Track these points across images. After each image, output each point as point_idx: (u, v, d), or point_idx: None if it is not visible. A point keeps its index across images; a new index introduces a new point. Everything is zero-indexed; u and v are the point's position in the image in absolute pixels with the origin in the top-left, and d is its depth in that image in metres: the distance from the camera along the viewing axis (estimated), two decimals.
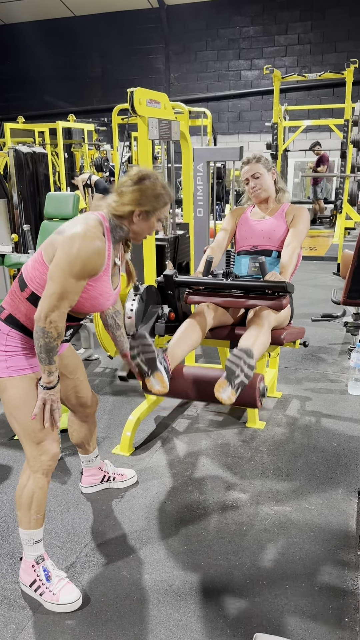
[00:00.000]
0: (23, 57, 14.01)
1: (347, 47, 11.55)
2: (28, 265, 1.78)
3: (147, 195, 1.74)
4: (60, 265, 1.61)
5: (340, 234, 6.79)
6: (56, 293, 1.62)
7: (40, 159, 4.38)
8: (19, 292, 1.76)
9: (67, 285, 1.62)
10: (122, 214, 1.75)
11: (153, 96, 2.67)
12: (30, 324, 1.73)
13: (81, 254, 1.62)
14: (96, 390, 3.44)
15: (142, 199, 1.73)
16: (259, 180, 2.76)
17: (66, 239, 1.64)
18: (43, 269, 1.69)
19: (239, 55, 12.52)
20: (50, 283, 1.63)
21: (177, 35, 12.82)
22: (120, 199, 1.74)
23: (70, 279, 1.62)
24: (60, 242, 1.64)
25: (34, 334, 1.66)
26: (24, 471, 1.80)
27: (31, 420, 1.73)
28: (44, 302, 1.63)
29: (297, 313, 3.88)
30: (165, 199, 1.79)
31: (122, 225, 1.77)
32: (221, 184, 9.15)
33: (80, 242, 1.63)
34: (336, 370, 3.70)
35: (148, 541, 2.10)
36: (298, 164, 11.61)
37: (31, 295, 1.73)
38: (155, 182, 1.76)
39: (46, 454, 1.76)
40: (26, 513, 1.78)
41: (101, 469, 2.40)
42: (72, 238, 1.63)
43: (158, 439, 2.85)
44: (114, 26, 13.16)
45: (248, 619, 1.74)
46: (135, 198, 1.73)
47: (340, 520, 2.19)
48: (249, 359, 2.03)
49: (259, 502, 2.32)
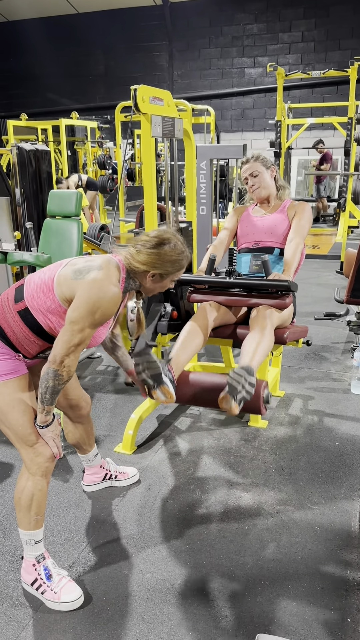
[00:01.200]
0: (26, 54, 13.99)
1: (351, 45, 11.50)
2: (32, 282, 1.76)
3: (163, 260, 1.78)
4: (82, 313, 1.63)
5: (344, 232, 6.77)
6: (75, 339, 1.64)
7: (43, 156, 4.37)
8: (12, 302, 1.75)
9: (86, 333, 1.65)
10: (137, 270, 1.78)
11: (156, 93, 2.66)
12: (13, 335, 1.73)
13: (103, 304, 1.65)
14: (98, 388, 3.44)
15: (158, 263, 1.77)
16: (257, 178, 2.77)
17: (87, 284, 1.65)
18: (49, 295, 1.70)
19: (242, 52, 12.48)
20: (69, 328, 1.64)
21: (181, 32, 12.79)
22: (137, 257, 1.77)
23: (89, 327, 1.66)
24: (81, 286, 1.65)
25: (43, 374, 1.66)
26: (23, 473, 1.79)
27: (21, 423, 1.73)
28: (61, 347, 1.64)
29: (300, 311, 3.86)
30: (181, 264, 1.83)
31: (135, 279, 1.81)
32: (224, 181, 9.12)
33: (102, 291, 1.65)
34: (339, 369, 3.68)
35: (150, 540, 2.09)
36: (301, 161, 11.58)
37: (24, 311, 1.72)
38: (174, 248, 1.80)
39: (41, 456, 1.75)
40: (26, 514, 1.78)
41: (103, 467, 2.39)
42: (94, 285, 1.65)
43: (160, 438, 2.85)
44: (117, 23, 13.14)
45: (250, 619, 1.73)
46: (152, 261, 1.77)
47: (342, 520, 2.18)
48: (250, 376, 2.08)
49: (261, 501, 2.31)
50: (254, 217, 2.85)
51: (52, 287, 1.70)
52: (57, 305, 1.70)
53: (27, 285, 1.76)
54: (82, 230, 3.59)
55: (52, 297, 1.70)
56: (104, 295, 1.65)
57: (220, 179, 8.80)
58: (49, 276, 1.73)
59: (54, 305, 1.70)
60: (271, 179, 2.80)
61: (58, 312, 1.71)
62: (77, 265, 1.72)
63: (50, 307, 1.70)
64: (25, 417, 1.73)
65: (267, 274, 2.53)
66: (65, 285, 1.68)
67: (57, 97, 13.95)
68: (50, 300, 1.70)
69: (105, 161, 9.54)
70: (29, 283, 1.76)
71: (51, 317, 1.72)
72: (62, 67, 13.76)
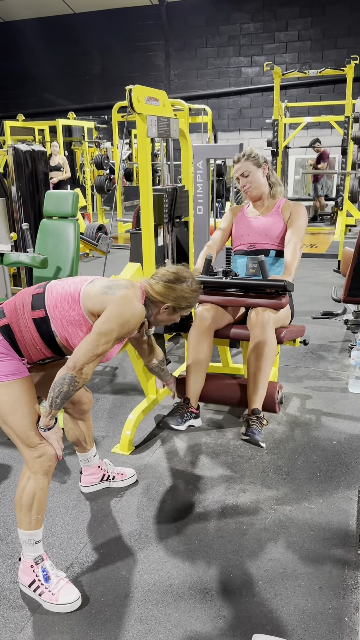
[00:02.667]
0: (23, 55, 13.99)
1: (347, 44, 11.52)
2: (55, 292, 1.80)
3: (177, 295, 1.92)
4: (112, 326, 1.71)
5: (341, 231, 6.78)
6: (99, 349, 1.70)
7: (39, 157, 4.36)
8: (28, 309, 1.77)
9: (110, 345, 1.73)
10: (153, 300, 1.93)
11: (152, 94, 2.65)
12: (21, 339, 1.76)
13: (131, 320, 1.75)
14: (96, 388, 3.44)
15: (172, 297, 1.92)
16: (248, 178, 2.76)
17: (120, 299, 1.74)
18: (75, 307, 1.76)
19: (239, 52, 12.48)
20: (96, 338, 1.69)
21: (177, 32, 12.79)
22: (155, 287, 1.92)
23: (115, 340, 1.73)
24: (113, 301, 1.73)
25: (59, 379, 1.69)
26: (24, 472, 1.79)
27: (24, 424, 1.73)
28: (84, 355, 1.68)
29: (297, 311, 3.86)
30: (192, 302, 1.98)
31: (150, 307, 1.94)
32: (221, 181, 9.12)
33: (132, 307, 1.76)
34: (337, 368, 3.69)
35: (147, 540, 2.09)
36: (299, 160, 11.59)
37: (41, 320, 1.75)
38: (190, 286, 1.95)
39: (44, 456, 1.75)
40: (27, 514, 1.78)
41: (100, 468, 2.39)
42: (125, 301, 1.75)
43: (158, 438, 2.84)
44: (114, 23, 13.13)
45: (248, 619, 1.73)
46: (167, 293, 1.91)
47: (340, 519, 2.18)
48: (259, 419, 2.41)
49: (259, 501, 2.31)
50: (248, 217, 2.85)
51: (79, 299, 1.76)
52: (80, 317, 1.76)
53: (49, 295, 1.79)
54: (78, 230, 3.59)
55: (77, 308, 1.76)
56: (133, 311, 1.75)
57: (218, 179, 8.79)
58: (74, 289, 1.79)
59: (78, 317, 1.76)
60: (263, 177, 2.79)
61: (80, 325, 1.76)
62: (105, 282, 1.82)
63: (73, 319, 1.76)
64: (28, 419, 1.74)
65: (263, 275, 2.53)
66: (96, 299, 1.75)
67: (53, 97, 13.94)
68: (75, 312, 1.76)
69: (102, 161, 9.55)
70: (50, 292, 1.80)
71: (71, 329, 1.77)
72: (59, 67, 13.76)
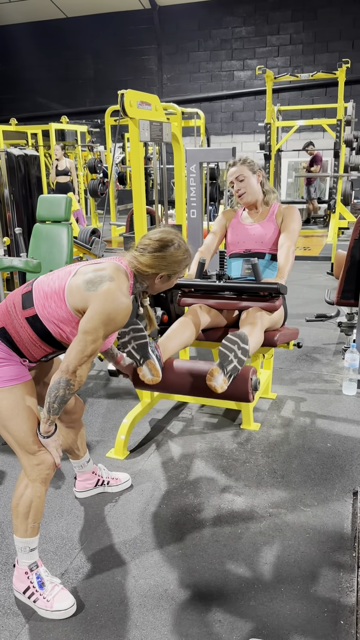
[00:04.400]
0: (15, 59, 13.97)
1: (339, 47, 11.58)
2: (42, 290, 1.75)
3: (168, 262, 1.83)
4: (96, 324, 1.65)
5: (334, 234, 6.80)
6: (88, 350, 1.65)
7: (32, 161, 4.36)
8: (19, 308, 1.74)
9: (98, 343, 1.68)
10: (145, 274, 1.83)
11: (144, 98, 2.66)
12: (19, 339, 1.74)
13: (116, 316, 1.68)
14: (90, 393, 3.43)
15: (165, 265, 1.83)
16: (243, 183, 2.75)
17: (101, 296, 1.66)
18: (61, 305, 1.71)
19: (231, 55, 12.53)
20: (83, 338, 1.65)
21: (170, 36, 12.82)
22: (142, 261, 1.81)
23: (102, 337, 1.68)
24: (94, 298, 1.66)
25: (54, 383, 1.66)
26: (21, 480, 1.78)
27: (23, 430, 1.72)
28: (74, 357, 1.64)
29: (291, 313, 3.87)
30: (186, 262, 1.89)
31: (143, 282, 1.86)
32: (215, 184, 9.15)
33: (115, 303, 1.67)
34: (331, 370, 3.70)
35: (143, 545, 2.09)
36: (291, 164, 11.63)
37: (33, 318, 1.72)
38: (179, 248, 1.85)
39: (43, 464, 1.74)
40: (23, 521, 1.77)
41: (95, 473, 2.38)
42: (107, 298, 1.66)
43: (152, 442, 2.84)
44: (106, 27, 13.15)
45: (244, 623, 1.73)
46: (158, 264, 1.82)
47: (335, 522, 2.18)
48: (244, 344, 2.06)
49: (254, 504, 2.31)
50: (243, 225, 2.84)
51: (64, 297, 1.71)
52: (68, 315, 1.71)
53: (36, 293, 1.75)
54: (72, 234, 3.59)
55: (64, 307, 1.71)
56: (117, 306, 1.67)
57: (211, 182, 8.82)
58: (59, 285, 1.73)
59: (66, 315, 1.71)
60: (257, 184, 2.79)
61: (70, 322, 1.72)
62: (88, 274, 1.72)
63: (62, 317, 1.72)
64: (27, 425, 1.73)
65: (257, 277, 2.54)
66: (79, 296, 1.69)
67: (46, 101, 13.94)
68: (62, 310, 1.71)
69: (96, 165, 9.55)
70: (37, 291, 1.76)
71: (64, 327, 1.73)
72: (52, 72, 13.76)
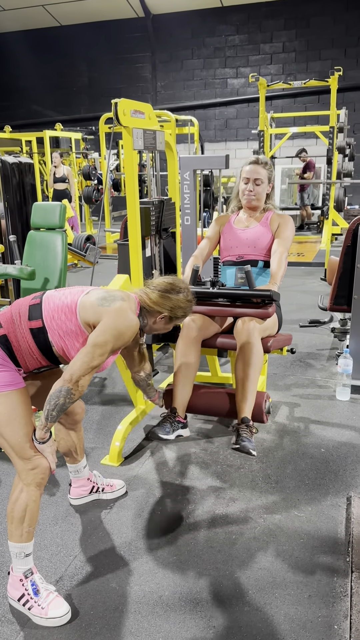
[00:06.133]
0: (10, 67, 14.03)
1: (331, 55, 11.70)
2: (52, 302, 1.81)
3: (173, 305, 1.96)
4: (107, 338, 1.73)
5: (327, 240, 6.84)
6: (95, 362, 1.72)
7: (26, 169, 4.37)
8: (25, 319, 1.78)
9: (105, 357, 1.75)
10: (150, 310, 1.96)
11: (137, 107, 2.68)
12: (18, 348, 1.76)
13: (126, 332, 1.77)
14: (85, 400, 3.43)
15: (168, 306, 1.96)
16: (259, 187, 2.75)
17: (115, 312, 1.76)
18: (71, 318, 1.77)
19: (224, 63, 12.63)
20: (92, 350, 1.71)
21: (163, 44, 12.91)
22: (151, 297, 1.95)
23: (110, 352, 1.75)
24: (108, 313, 1.76)
25: (55, 391, 1.69)
26: (16, 484, 1.79)
27: (19, 435, 1.73)
28: (80, 367, 1.69)
29: (285, 319, 3.89)
30: (187, 311, 2.03)
31: (145, 317, 1.98)
32: (209, 191, 9.18)
33: (127, 319, 1.78)
34: (324, 375, 3.71)
35: (137, 552, 2.09)
36: (285, 170, 11.70)
37: (38, 330, 1.76)
38: (185, 297, 2.00)
39: (38, 468, 1.75)
40: (18, 526, 1.77)
41: (90, 479, 2.38)
42: (120, 314, 1.77)
43: (147, 449, 2.84)
44: (101, 35, 13.23)
45: (238, 629, 1.73)
46: (163, 303, 1.95)
47: (329, 527, 2.20)
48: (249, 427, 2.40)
49: (248, 510, 2.32)
50: (236, 229, 2.86)
51: (76, 310, 1.78)
52: (77, 328, 1.77)
53: (46, 305, 1.81)
54: (66, 242, 3.60)
55: (74, 320, 1.77)
56: (128, 323, 1.77)
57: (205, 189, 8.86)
58: (71, 300, 1.81)
59: (74, 328, 1.77)
60: (265, 193, 2.81)
61: (77, 336, 1.78)
62: (101, 293, 1.83)
63: (70, 330, 1.77)
64: (23, 430, 1.74)
65: (250, 285, 2.56)
66: (92, 310, 1.77)
67: (41, 108, 13.99)
68: (72, 323, 1.77)
69: (90, 172, 9.59)
70: (47, 303, 1.81)
71: (68, 340, 1.78)
72: (46, 79, 13.82)
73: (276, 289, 2.55)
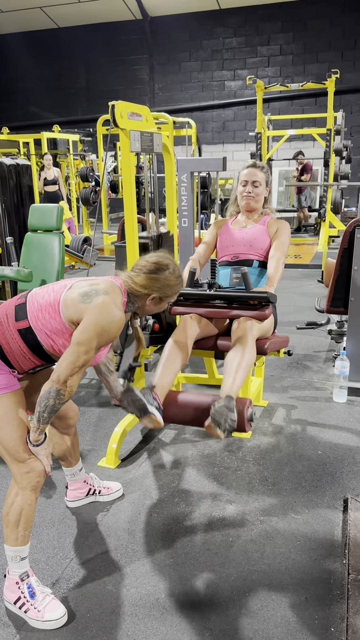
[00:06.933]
0: (7, 68, 14.02)
1: (328, 58, 11.73)
2: (36, 302, 1.78)
3: (162, 284, 1.89)
4: (89, 336, 1.68)
5: (324, 242, 6.85)
6: (80, 361, 1.68)
7: (23, 170, 4.37)
8: (12, 320, 1.76)
9: (90, 355, 1.70)
10: (138, 294, 1.88)
11: (134, 109, 2.68)
12: (9, 350, 1.75)
13: (110, 328, 1.71)
14: (82, 402, 3.43)
15: (157, 287, 1.88)
16: (257, 189, 2.78)
17: (96, 308, 1.70)
18: (55, 317, 1.74)
19: (222, 65, 12.64)
20: (76, 349, 1.68)
21: (161, 46, 12.93)
22: (136, 280, 1.87)
23: (95, 349, 1.71)
24: (89, 310, 1.70)
25: (44, 393, 1.67)
26: (12, 488, 1.78)
27: (13, 438, 1.72)
28: (66, 367, 1.67)
29: (282, 321, 3.89)
30: (177, 288, 1.95)
31: (135, 302, 1.91)
32: (206, 193, 9.19)
33: (109, 315, 1.71)
34: (321, 377, 3.72)
35: (134, 555, 2.09)
36: (282, 172, 11.72)
37: (25, 330, 1.74)
38: (172, 273, 1.92)
39: (33, 471, 1.75)
40: (14, 530, 1.77)
41: (86, 482, 2.38)
42: (102, 310, 1.71)
43: (144, 451, 2.84)
44: (98, 37, 13.24)
45: (234, 631, 1.73)
46: (151, 285, 1.87)
47: (326, 529, 2.20)
48: (231, 413, 2.12)
49: (245, 512, 2.31)
50: (233, 229, 2.87)
51: (59, 308, 1.74)
52: (62, 326, 1.74)
53: (30, 305, 1.78)
54: (63, 243, 3.60)
55: (58, 318, 1.74)
56: (111, 319, 1.71)
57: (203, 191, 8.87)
58: (54, 298, 1.77)
59: (60, 327, 1.74)
60: (263, 196, 2.84)
61: (63, 334, 1.75)
62: (83, 288, 1.77)
63: (56, 328, 1.74)
64: (17, 433, 1.73)
65: (247, 286, 2.56)
66: (73, 308, 1.72)
67: (38, 110, 13.98)
68: (56, 322, 1.74)
69: (87, 174, 9.58)
70: (31, 302, 1.78)
71: (56, 338, 1.75)
72: (44, 81, 13.82)
73: (273, 291, 2.55)
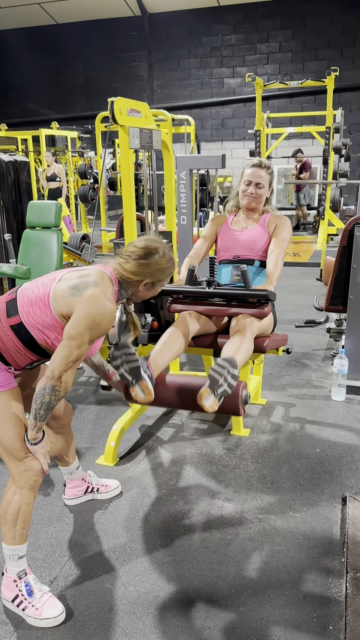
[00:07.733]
0: (6, 65, 13.97)
1: (327, 55, 11.70)
2: (26, 297, 1.75)
3: (153, 269, 1.84)
4: (81, 330, 1.65)
5: (323, 240, 6.84)
6: (73, 355, 1.65)
7: (22, 167, 4.35)
8: (4, 316, 1.74)
9: (83, 349, 1.67)
10: (129, 281, 1.84)
11: (133, 106, 2.67)
12: (3, 347, 1.73)
13: (101, 321, 1.68)
14: (80, 399, 3.42)
15: (149, 272, 1.84)
16: (260, 190, 2.76)
17: (86, 301, 1.67)
18: (46, 311, 1.71)
19: (221, 63, 12.62)
20: (68, 344, 1.65)
21: (160, 43, 12.89)
22: (127, 268, 1.82)
23: (88, 343, 1.68)
24: (79, 303, 1.67)
25: (39, 390, 1.66)
26: (9, 486, 1.77)
27: (11, 436, 1.72)
28: (59, 362, 1.65)
29: (281, 319, 3.90)
30: (170, 270, 1.90)
31: (127, 289, 1.87)
32: (205, 190, 9.17)
33: (100, 307, 1.67)
34: (320, 376, 3.72)
35: (132, 552, 2.08)
36: (281, 170, 11.71)
37: (18, 326, 1.72)
38: (163, 257, 1.87)
39: (31, 470, 1.74)
40: (11, 529, 1.76)
41: (84, 480, 2.37)
42: (92, 302, 1.67)
43: (143, 449, 2.84)
44: (97, 34, 13.20)
45: (233, 629, 1.73)
46: (142, 271, 1.83)
47: (324, 527, 2.20)
48: (233, 368, 2.06)
49: (244, 510, 2.31)
50: (233, 230, 2.85)
51: (49, 302, 1.71)
52: (53, 320, 1.71)
53: (21, 300, 1.75)
54: (62, 240, 3.59)
55: (48, 313, 1.71)
56: (102, 312, 1.68)
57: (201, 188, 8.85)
58: (43, 291, 1.74)
59: (51, 321, 1.71)
60: (265, 197, 2.82)
61: (55, 328, 1.72)
62: (72, 280, 1.73)
63: (47, 323, 1.72)
64: (15, 431, 1.72)
65: (246, 283, 2.55)
66: (63, 301, 1.69)
67: (37, 107, 13.93)
68: (47, 316, 1.71)
69: (86, 171, 9.55)
70: (22, 298, 1.76)
71: (48, 333, 1.73)
72: (42, 77, 13.77)
73: (272, 289, 2.54)
